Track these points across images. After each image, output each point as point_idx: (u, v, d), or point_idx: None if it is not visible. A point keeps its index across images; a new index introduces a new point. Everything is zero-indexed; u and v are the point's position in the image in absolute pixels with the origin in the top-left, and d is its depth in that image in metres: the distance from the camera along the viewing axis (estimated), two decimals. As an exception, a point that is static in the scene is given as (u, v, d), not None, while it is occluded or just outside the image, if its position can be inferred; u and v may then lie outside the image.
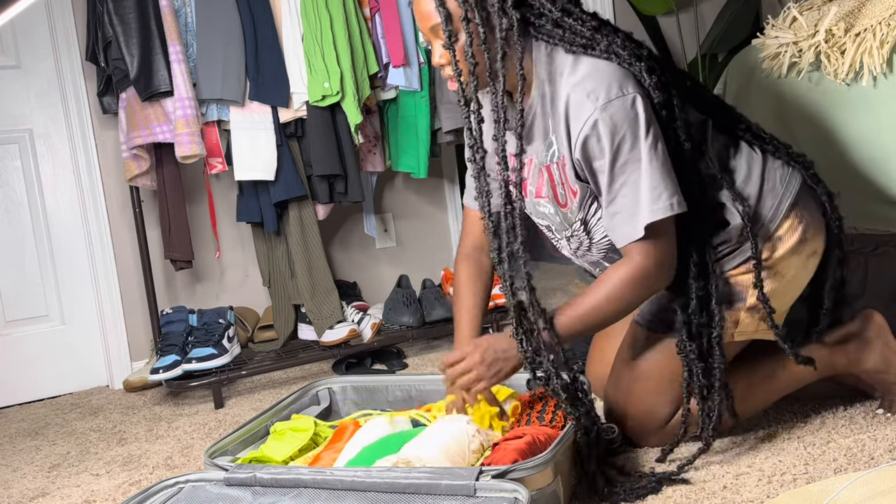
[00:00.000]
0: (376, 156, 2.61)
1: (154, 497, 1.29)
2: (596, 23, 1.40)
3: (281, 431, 1.55)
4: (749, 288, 1.44)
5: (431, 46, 1.45)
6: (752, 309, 1.45)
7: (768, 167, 1.49)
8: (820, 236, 1.51)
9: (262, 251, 2.57)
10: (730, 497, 1.27)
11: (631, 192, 1.35)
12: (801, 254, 1.47)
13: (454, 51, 1.38)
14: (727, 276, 1.45)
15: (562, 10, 1.38)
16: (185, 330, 2.34)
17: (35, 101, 2.53)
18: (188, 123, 2.20)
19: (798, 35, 1.90)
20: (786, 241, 1.45)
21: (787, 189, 1.48)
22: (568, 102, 1.37)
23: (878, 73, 1.70)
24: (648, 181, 1.33)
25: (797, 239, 1.46)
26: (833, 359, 1.54)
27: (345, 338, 2.29)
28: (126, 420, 2.18)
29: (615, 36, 1.39)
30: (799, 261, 1.47)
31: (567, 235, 1.55)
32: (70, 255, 2.58)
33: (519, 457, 1.24)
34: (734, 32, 2.85)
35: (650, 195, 1.33)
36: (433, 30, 1.41)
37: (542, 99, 1.42)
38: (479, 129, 1.41)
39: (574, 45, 1.38)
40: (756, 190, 1.46)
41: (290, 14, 2.33)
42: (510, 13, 1.36)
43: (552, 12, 1.38)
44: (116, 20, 2.21)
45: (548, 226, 1.58)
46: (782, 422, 1.56)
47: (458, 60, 1.39)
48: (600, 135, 1.33)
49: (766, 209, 1.46)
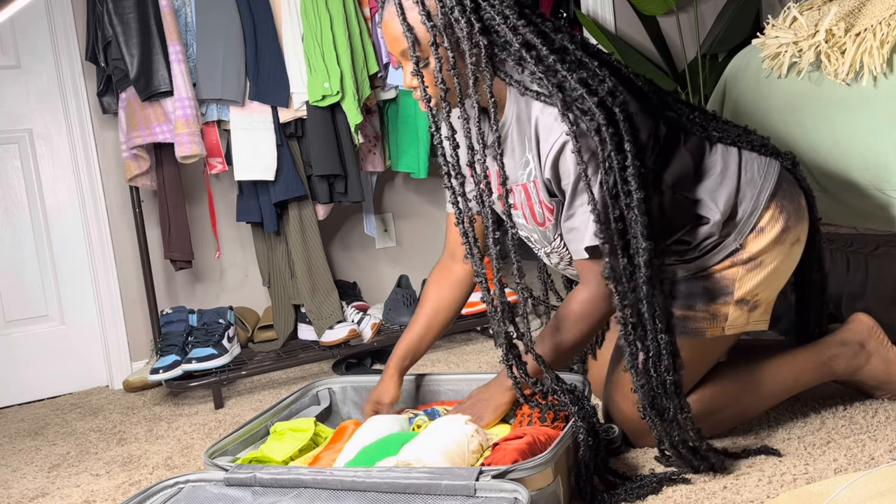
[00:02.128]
0: (376, 156, 2.61)
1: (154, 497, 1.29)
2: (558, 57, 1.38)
3: (281, 431, 1.55)
4: (735, 281, 1.45)
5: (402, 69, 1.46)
6: (741, 302, 1.45)
7: (745, 160, 1.50)
8: (803, 223, 1.52)
9: (262, 251, 2.57)
10: (730, 497, 1.27)
11: (584, 214, 1.39)
12: (784, 243, 1.48)
13: (422, 76, 1.40)
14: (711, 270, 1.46)
15: (523, 44, 1.37)
16: (185, 330, 2.34)
17: (35, 101, 2.53)
18: (188, 123, 2.20)
19: (798, 35, 1.90)
20: (768, 231, 1.46)
21: (765, 179, 1.49)
22: (538, 124, 1.40)
23: (878, 73, 1.70)
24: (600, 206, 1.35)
25: (780, 228, 1.47)
26: (832, 365, 1.55)
27: (345, 338, 2.30)
28: (126, 420, 2.18)
29: (575, 72, 1.37)
30: (783, 250, 1.48)
31: (547, 252, 1.58)
32: (70, 255, 2.58)
33: (519, 457, 1.24)
34: (734, 32, 2.85)
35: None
36: (403, 54, 1.43)
37: (518, 118, 1.44)
38: (454, 155, 1.42)
39: (529, 90, 1.39)
40: (734, 183, 1.47)
41: (290, 14, 2.33)
42: (478, 40, 1.37)
43: (513, 45, 1.37)
44: (116, 20, 2.21)
45: (528, 237, 1.60)
46: (782, 422, 1.56)
47: (426, 86, 1.41)
48: (566, 157, 1.37)
49: (746, 201, 1.47)
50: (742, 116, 2.08)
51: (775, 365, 1.53)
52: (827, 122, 1.85)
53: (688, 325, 1.44)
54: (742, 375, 1.51)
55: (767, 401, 1.54)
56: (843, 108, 1.80)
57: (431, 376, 1.76)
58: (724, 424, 1.52)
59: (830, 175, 1.87)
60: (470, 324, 2.48)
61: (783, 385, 1.53)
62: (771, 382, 1.52)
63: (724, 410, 1.50)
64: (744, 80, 2.12)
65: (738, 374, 1.51)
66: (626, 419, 1.49)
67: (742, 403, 1.51)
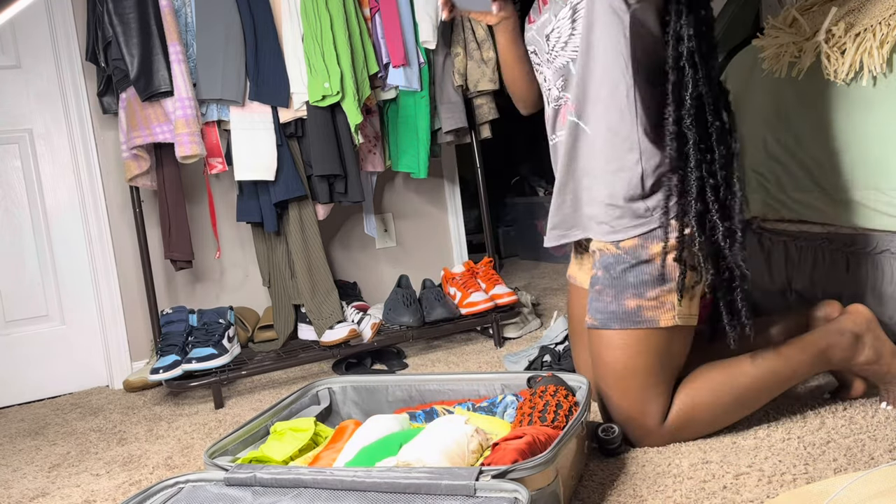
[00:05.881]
0: (376, 156, 2.61)
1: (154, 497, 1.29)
2: None
3: (281, 431, 1.55)
4: (675, 269, 1.48)
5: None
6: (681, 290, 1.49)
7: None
8: None
9: (262, 251, 2.57)
10: (730, 497, 1.27)
11: None
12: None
13: None
14: (652, 256, 1.49)
15: None
16: (185, 330, 2.34)
17: (35, 101, 2.54)
18: (188, 123, 2.20)
19: (798, 35, 1.90)
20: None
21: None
22: None
23: (878, 73, 1.70)
24: None
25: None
26: (828, 354, 1.55)
27: (345, 338, 2.30)
28: (126, 420, 2.18)
29: None
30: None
31: (548, 33, 1.62)
32: (70, 255, 2.58)
33: (519, 457, 1.24)
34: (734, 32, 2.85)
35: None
36: None
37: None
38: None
39: None
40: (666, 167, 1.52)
41: (290, 14, 2.33)
42: None
43: None
44: (116, 20, 2.21)
45: (534, 50, 1.68)
46: (782, 422, 1.56)
47: None
48: None
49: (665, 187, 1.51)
50: (742, 116, 2.08)
51: (772, 356, 1.53)
52: (827, 122, 1.85)
53: (642, 314, 1.47)
54: (739, 368, 1.52)
55: (766, 393, 1.54)
56: (843, 108, 1.81)
57: (431, 376, 1.76)
58: (724, 421, 1.52)
59: (830, 175, 1.87)
60: (470, 324, 2.48)
61: (783, 377, 1.53)
62: (771, 374, 1.52)
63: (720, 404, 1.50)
64: (743, 80, 2.12)
65: (734, 367, 1.52)
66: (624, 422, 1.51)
67: (740, 397, 1.51)
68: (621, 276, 1.49)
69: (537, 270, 3.92)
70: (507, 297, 2.51)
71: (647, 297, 1.47)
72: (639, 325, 1.47)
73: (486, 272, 2.61)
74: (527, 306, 2.70)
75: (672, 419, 1.48)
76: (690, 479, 1.35)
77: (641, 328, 1.47)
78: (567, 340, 2.06)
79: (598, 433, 1.48)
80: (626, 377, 1.48)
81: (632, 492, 1.32)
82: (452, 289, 2.54)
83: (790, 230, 2.04)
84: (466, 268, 2.63)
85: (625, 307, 1.48)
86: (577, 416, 1.36)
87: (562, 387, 1.47)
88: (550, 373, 1.54)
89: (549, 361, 2.02)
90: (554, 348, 2.05)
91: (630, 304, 1.47)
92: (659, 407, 1.48)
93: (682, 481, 1.35)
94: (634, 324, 1.47)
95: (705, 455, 1.43)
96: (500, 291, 2.53)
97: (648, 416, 1.48)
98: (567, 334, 2.08)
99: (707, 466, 1.40)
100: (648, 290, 1.47)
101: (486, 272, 2.61)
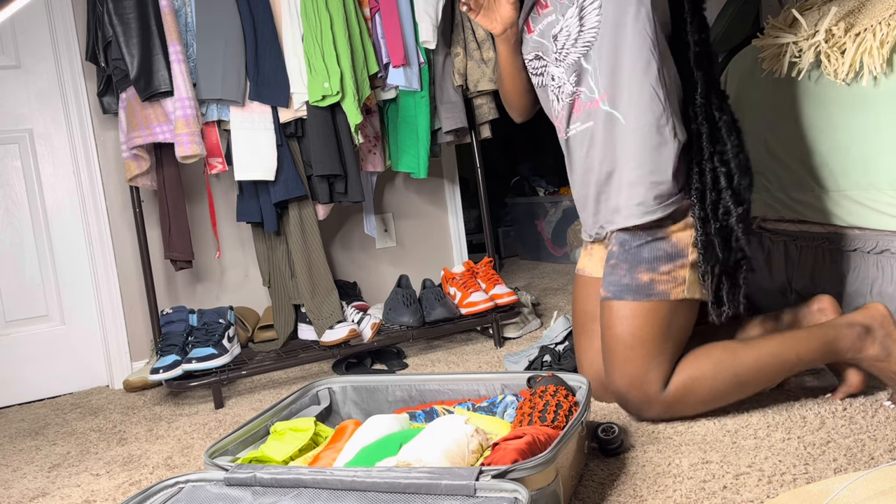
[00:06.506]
0: (376, 156, 2.61)
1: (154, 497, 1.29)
2: None
3: (281, 431, 1.55)
4: (689, 246, 1.54)
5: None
6: (694, 266, 1.55)
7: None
8: None
9: (262, 251, 2.57)
10: (730, 497, 1.27)
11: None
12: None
13: None
14: (667, 232, 1.55)
15: None
16: (185, 330, 2.34)
17: (35, 101, 2.54)
18: (188, 123, 2.20)
19: (798, 35, 1.90)
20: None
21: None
22: None
23: (878, 73, 1.70)
24: None
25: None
26: (835, 344, 1.56)
27: (345, 338, 2.30)
28: (126, 420, 2.18)
29: None
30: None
31: (555, 33, 1.66)
32: (70, 255, 2.58)
33: (519, 457, 1.24)
34: (734, 32, 2.86)
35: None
36: None
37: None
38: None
39: None
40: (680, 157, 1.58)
41: (290, 14, 2.33)
42: None
43: None
44: (116, 20, 2.21)
45: (537, 55, 1.71)
46: (782, 422, 1.56)
47: None
48: None
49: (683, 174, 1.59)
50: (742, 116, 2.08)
51: (778, 340, 1.57)
52: (827, 122, 1.85)
53: (655, 288, 1.53)
54: (742, 347, 1.55)
55: (766, 376, 1.56)
56: (843, 108, 1.81)
57: (431, 376, 1.76)
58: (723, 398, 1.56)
59: (830, 175, 1.87)
60: (470, 324, 2.48)
61: (786, 361, 1.55)
62: (773, 357, 1.54)
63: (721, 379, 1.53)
64: (744, 80, 2.12)
65: (738, 346, 1.56)
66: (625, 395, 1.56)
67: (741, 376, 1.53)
68: (636, 251, 1.56)
69: (537, 270, 3.92)
70: (507, 297, 2.51)
71: (660, 271, 1.54)
72: (650, 298, 1.53)
73: (486, 272, 2.61)
74: (527, 306, 2.70)
75: (672, 389, 1.53)
76: (690, 479, 1.35)
77: (653, 300, 1.53)
78: (567, 340, 2.06)
79: (598, 433, 1.48)
80: (633, 346, 1.53)
81: (632, 492, 1.32)
82: (452, 289, 2.54)
83: (790, 230, 2.04)
84: (466, 268, 2.63)
85: (638, 280, 1.54)
86: (577, 416, 1.36)
87: (562, 387, 1.47)
88: (550, 373, 1.54)
89: (549, 361, 2.02)
90: (554, 348, 2.05)
91: (643, 278, 1.54)
92: (660, 375, 1.53)
93: (682, 481, 1.35)
94: (646, 296, 1.53)
95: (705, 455, 1.43)
96: (500, 291, 2.53)
97: (649, 383, 1.53)
98: (567, 334, 2.08)
99: (707, 466, 1.40)
100: (662, 265, 1.54)
101: (486, 272, 2.61)
